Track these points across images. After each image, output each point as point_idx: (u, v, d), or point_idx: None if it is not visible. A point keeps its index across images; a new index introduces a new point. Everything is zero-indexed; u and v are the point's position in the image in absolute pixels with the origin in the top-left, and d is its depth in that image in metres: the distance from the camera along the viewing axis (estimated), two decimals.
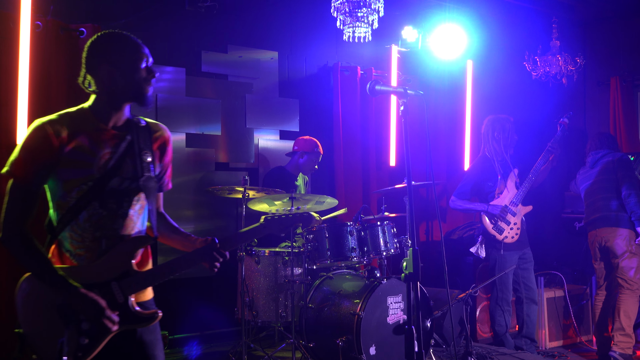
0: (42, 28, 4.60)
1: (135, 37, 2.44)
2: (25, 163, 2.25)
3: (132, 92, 2.38)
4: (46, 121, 2.29)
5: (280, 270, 4.77)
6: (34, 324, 2.26)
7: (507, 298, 5.29)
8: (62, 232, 2.31)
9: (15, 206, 2.26)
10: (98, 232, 2.32)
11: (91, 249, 2.32)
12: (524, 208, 5.28)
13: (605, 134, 5.60)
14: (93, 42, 2.43)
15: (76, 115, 2.37)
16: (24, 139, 2.29)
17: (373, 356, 4.18)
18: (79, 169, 2.29)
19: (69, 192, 2.29)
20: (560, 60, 6.43)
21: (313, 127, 6.21)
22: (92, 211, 2.31)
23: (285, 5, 6.13)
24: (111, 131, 2.39)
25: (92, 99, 2.41)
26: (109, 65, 2.36)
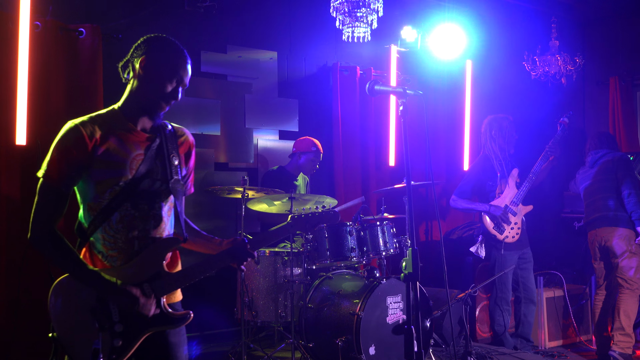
0: (41, 28, 4.59)
1: (186, 56, 2.46)
2: (58, 164, 2.26)
3: (150, 102, 2.43)
4: (79, 122, 2.32)
5: (280, 270, 4.77)
6: (68, 327, 2.27)
7: (507, 298, 5.30)
8: (93, 234, 2.32)
9: (46, 207, 2.27)
10: (131, 234, 2.33)
11: (124, 250, 2.33)
12: (525, 208, 5.29)
13: (605, 134, 5.60)
14: (146, 39, 2.45)
15: (108, 117, 2.41)
16: (57, 140, 2.31)
17: (372, 356, 4.18)
18: (112, 170, 2.30)
19: (102, 194, 2.30)
20: (560, 60, 6.43)
21: (312, 127, 6.20)
22: (125, 212, 2.32)
23: (284, 6, 6.13)
24: (141, 133, 2.42)
25: (123, 100, 2.46)
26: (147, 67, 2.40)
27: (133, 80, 2.44)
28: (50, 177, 2.26)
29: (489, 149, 5.38)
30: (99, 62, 4.88)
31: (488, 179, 5.32)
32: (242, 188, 4.71)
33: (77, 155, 2.27)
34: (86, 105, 4.83)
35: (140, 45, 2.44)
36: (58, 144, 2.30)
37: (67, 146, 2.28)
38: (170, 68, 2.41)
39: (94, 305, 2.26)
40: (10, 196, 4.52)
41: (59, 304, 2.28)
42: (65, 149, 2.28)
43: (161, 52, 2.41)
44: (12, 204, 4.53)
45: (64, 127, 2.34)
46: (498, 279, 5.22)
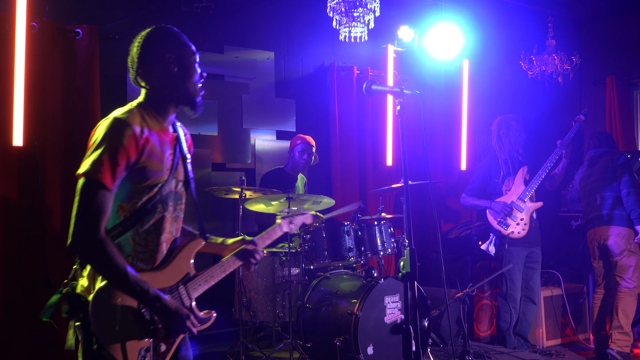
0: (37, 29, 4.59)
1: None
2: (111, 163, 2.10)
3: (186, 93, 2.34)
4: (125, 118, 2.17)
5: (278, 270, 4.77)
6: (115, 337, 2.12)
7: (514, 295, 5.32)
8: (121, 236, 2.20)
9: (95, 210, 2.09)
10: (162, 236, 2.29)
11: (154, 253, 2.28)
12: (533, 204, 5.32)
13: (603, 133, 5.62)
14: (154, 34, 2.32)
15: (144, 114, 2.26)
16: (104, 136, 2.13)
17: (371, 356, 4.18)
18: (154, 171, 2.21)
19: (139, 194, 2.20)
20: (556, 59, 6.44)
21: (309, 127, 6.20)
22: (158, 214, 2.26)
23: (281, 6, 6.13)
24: (169, 131, 2.34)
25: (148, 96, 2.31)
26: (172, 60, 2.29)
27: (161, 76, 2.29)
28: (99, 177, 2.08)
29: (497, 148, 5.49)
30: (96, 63, 4.87)
31: (494, 177, 5.44)
32: (240, 188, 4.70)
33: (129, 153, 2.13)
34: (83, 106, 4.84)
35: (163, 38, 2.32)
36: (108, 141, 2.11)
37: (120, 144, 2.11)
38: (196, 63, 2.37)
39: (139, 312, 2.18)
40: (7, 197, 4.51)
41: (104, 314, 2.11)
42: (118, 147, 2.11)
43: (190, 47, 2.36)
44: (8, 205, 4.52)
45: (109, 122, 2.15)
46: (507, 275, 5.24)
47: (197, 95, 2.38)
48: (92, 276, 2.17)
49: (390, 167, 6.59)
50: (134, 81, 2.33)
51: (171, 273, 2.30)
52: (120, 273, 2.10)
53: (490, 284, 5.66)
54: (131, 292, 2.14)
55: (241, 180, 4.76)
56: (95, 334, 2.09)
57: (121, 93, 5.25)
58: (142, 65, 2.30)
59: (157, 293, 2.17)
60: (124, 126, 2.14)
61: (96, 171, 2.09)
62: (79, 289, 2.18)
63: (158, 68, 2.29)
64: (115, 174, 2.11)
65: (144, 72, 2.30)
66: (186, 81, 2.33)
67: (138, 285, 2.13)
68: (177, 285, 2.30)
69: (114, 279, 2.12)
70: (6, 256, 4.51)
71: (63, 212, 4.76)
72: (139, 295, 2.15)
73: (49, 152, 4.68)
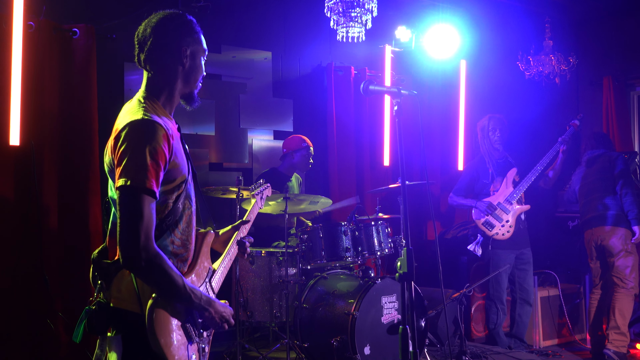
0: (34, 28, 4.58)
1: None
2: (153, 168, 1.98)
3: (190, 88, 2.28)
4: (151, 118, 2.05)
5: (275, 270, 4.77)
6: (171, 344, 2.06)
7: (500, 296, 5.32)
8: (159, 239, 2.11)
9: (147, 221, 1.97)
10: (192, 232, 2.27)
11: (189, 251, 2.24)
12: (521, 207, 5.32)
13: (601, 134, 5.63)
14: (176, 21, 2.21)
15: (156, 108, 2.17)
16: (141, 141, 1.99)
17: (367, 356, 4.18)
18: (179, 168, 2.14)
19: (169, 195, 2.13)
20: (553, 60, 6.44)
21: (307, 127, 6.20)
22: (187, 211, 2.22)
23: (278, 6, 6.13)
24: (175, 124, 2.25)
25: (152, 86, 2.21)
26: (187, 54, 2.21)
27: (172, 66, 2.20)
28: (148, 184, 1.95)
29: (481, 150, 5.56)
30: (93, 62, 4.87)
31: (481, 177, 5.47)
32: (237, 188, 4.70)
33: (165, 154, 2.02)
34: (80, 106, 4.83)
35: (182, 27, 2.21)
36: (145, 144, 1.98)
37: (158, 145, 2.00)
38: (204, 61, 2.31)
39: (187, 316, 2.16)
40: (3, 196, 4.50)
41: (161, 324, 2.04)
42: (157, 149, 1.99)
43: (203, 45, 2.29)
44: (5, 205, 4.51)
45: (137, 125, 2.02)
46: (493, 277, 5.24)
47: (196, 89, 2.33)
48: (130, 286, 2.07)
49: (388, 167, 6.59)
50: (138, 62, 2.22)
51: (200, 271, 2.30)
52: (179, 285, 2.05)
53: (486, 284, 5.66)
54: (188, 302, 2.11)
55: (238, 180, 4.75)
56: (154, 346, 2.01)
57: (118, 92, 5.25)
58: (154, 50, 2.18)
59: (208, 297, 2.18)
60: (154, 126, 2.03)
61: (144, 178, 1.95)
62: (115, 303, 2.08)
63: (172, 58, 2.20)
64: (159, 178, 2.01)
65: (154, 56, 2.18)
66: (193, 77, 2.27)
67: (193, 294, 2.11)
68: (205, 282, 2.31)
69: (173, 292, 2.05)
70: (3, 256, 4.50)
71: (60, 212, 4.75)
72: (194, 304, 2.12)
73: (46, 152, 4.67)
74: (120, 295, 2.08)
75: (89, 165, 4.82)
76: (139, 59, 2.22)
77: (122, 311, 2.07)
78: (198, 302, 2.12)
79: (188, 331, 2.15)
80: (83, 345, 4.74)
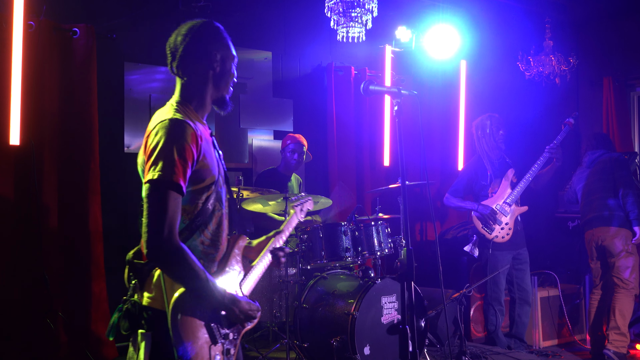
0: (34, 28, 4.58)
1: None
2: (181, 165, 2.05)
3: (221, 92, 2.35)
4: (182, 118, 2.13)
5: (275, 270, 4.77)
6: (195, 343, 2.10)
7: (499, 297, 5.31)
8: (189, 239, 2.17)
9: (171, 215, 2.03)
10: (223, 233, 2.31)
11: (219, 252, 2.29)
12: (519, 208, 5.30)
13: (601, 134, 5.62)
14: (206, 28, 2.31)
15: (188, 111, 2.23)
16: (170, 139, 2.07)
17: (367, 356, 4.18)
18: (208, 169, 2.19)
19: (199, 195, 2.18)
20: (554, 61, 6.45)
21: (307, 127, 6.20)
22: (217, 212, 2.26)
23: (279, 5, 6.12)
24: (208, 128, 2.32)
25: (186, 92, 2.28)
26: (217, 58, 2.30)
27: (203, 70, 2.28)
28: (175, 178, 2.03)
29: (479, 150, 5.48)
30: (93, 62, 4.87)
31: (480, 179, 5.38)
32: (237, 188, 4.70)
33: (194, 154, 2.09)
34: (80, 105, 4.83)
35: (212, 34, 2.31)
36: (174, 142, 2.06)
37: (186, 142, 2.07)
38: (234, 67, 2.39)
39: (212, 317, 2.17)
40: (3, 196, 4.50)
41: (185, 322, 2.08)
42: (185, 146, 2.06)
43: (232, 51, 2.38)
44: (5, 204, 4.51)
45: (168, 124, 2.10)
46: (491, 278, 5.24)
47: (228, 95, 2.40)
48: (159, 286, 2.13)
49: (388, 167, 6.60)
50: (171, 69, 2.30)
51: (230, 273, 2.33)
52: (202, 280, 2.09)
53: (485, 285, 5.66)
54: (211, 296, 2.13)
55: (238, 180, 4.75)
56: (177, 344, 2.05)
57: (118, 92, 5.25)
58: (186, 55, 2.25)
59: (232, 295, 2.20)
60: (184, 125, 2.10)
61: (171, 173, 2.03)
62: (146, 302, 2.14)
63: (203, 62, 2.27)
64: (186, 175, 2.07)
65: (186, 62, 2.26)
66: (223, 82, 2.34)
67: (216, 289, 2.14)
68: (234, 285, 2.34)
69: (196, 284, 2.08)
70: (2, 256, 4.50)
71: (60, 212, 4.75)
72: (218, 300, 2.15)
73: (46, 152, 4.68)
74: (152, 294, 2.13)
75: (89, 165, 4.82)
76: (171, 67, 2.29)
77: (152, 310, 2.12)
78: (221, 298, 2.15)
79: (212, 331, 2.17)
80: (83, 345, 4.75)
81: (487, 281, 5.26)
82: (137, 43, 5.34)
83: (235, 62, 2.39)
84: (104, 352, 4.82)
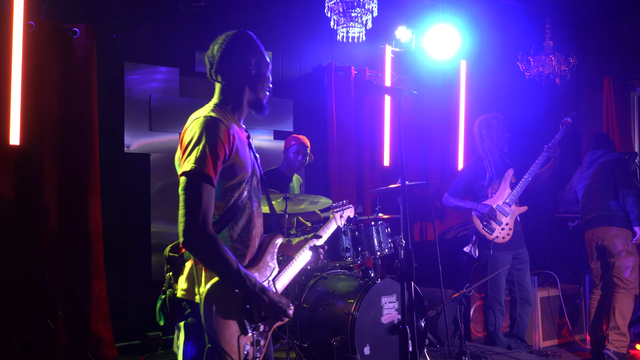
0: (34, 28, 4.58)
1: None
2: (212, 158, 2.17)
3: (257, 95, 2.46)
4: (217, 116, 2.26)
5: None
6: (225, 332, 2.20)
7: (499, 298, 5.31)
8: (219, 233, 2.26)
9: (203, 205, 2.14)
10: (254, 231, 2.38)
11: (248, 248, 2.36)
12: (518, 209, 5.30)
13: (602, 134, 5.62)
14: (241, 36, 2.45)
15: (224, 112, 2.37)
16: (203, 134, 2.19)
17: (367, 356, 4.18)
18: (240, 167, 2.29)
19: (230, 192, 2.28)
20: (554, 61, 6.45)
21: (307, 127, 6.20)
22: (247, 210, 2.34)
23: (279, 5, 6.12)
24: (244, 130, 2.44)
25: (224, 95, 2.42)
26: (252, 63, 2.42)
27: (239, 74, 2.41)
28: (206, 171, 2.15)
29: (481, 150, 5.43)
30: (93, 62, 4.87)
31: (479, 179, 5.36)
32: None
33: (225, 148, 2.21)
34: (80, 105, 4.83)
35: (247, 42, 2.45)
36: (207, 137, 2.18)
37: (218, 138, 2.19)
38: (269, 73, 2.51)
39: (244, 308, 2.26)
40: (3, 196, 4.51)
41: (216, 312, 2.19)
42: (217, 141, 2.19)
43: (267, 58, 2.49)
44: (5, 204, 4.52)
45: (202, 120, 2.24)
46: (491, 278, 5.23)
47: (265, 99, 2.50)
48: (192, 278, 2.24)
49: (388, 167, 6.59)
50: (210, 76, 2.44)
51: (263, 269, 2.40)
52: (233, 267, 2.18)
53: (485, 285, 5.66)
54: (242, 286, 2.21)
55: None
56: (208, 332, 2.15)
57: (118, 92, 5.25)
58: (223, 61, 2.40)
59: (263, 286, 2.28)
60: (217, 122, 2.23)
61: (203, 166, 2.15)
62: (180, 294, 2.26)
63: (239, 66, 2.40)
64: (217, 168, 2.18)
65: (223, 67, 2.40)
66: (259, 85, 2.46)
67: (248, 279, 2.22)
68: (267, 280, 2.40)
69: (228, 273, 2.18)
70: (2, 256, 4.50)
71: (60, 212, 4.75)
72: (248, 289, 2.23)
73: (45, 151, 4.68)
74: (184, 286, 2.25)
75: (89, 165, 4.83)
76: (210, 74, 2.45)
77: (186, 301, 2.24)
78: (252, 288, 2.23)
79: (242, 321, 2.25)
80: (83, 345, 4.75)
81: (487, 281, 5.26)
82: (137, 43, 5.34)
83: (269, 68, 2.50)
84: (104, 352, 4.82)
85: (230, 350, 2.18)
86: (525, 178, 5.25)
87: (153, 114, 5.39)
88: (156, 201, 5.39)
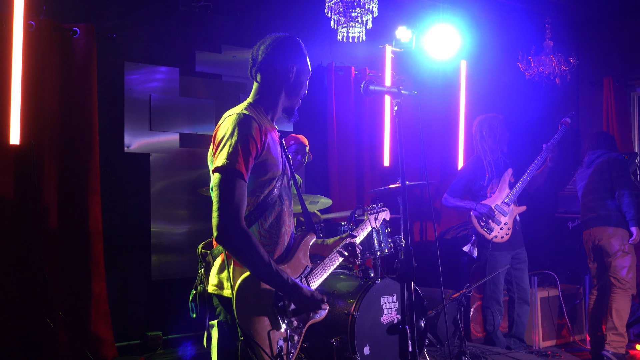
0: (35, 28, 4.58)
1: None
2: (243, 154, 2.20)
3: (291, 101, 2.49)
4: (249, 114, 2.30)
5: None
6: (258, 327, 2.22)
7: (497, 298, 5.31)
8: (249, 228, 2.27)
9: (236, 200, 2.17)
10: (283, 228, 2.40)
11: (277, 245, 2.38)
12: (517, 208, 5.30)
13: (603, 134, 5.61)
14: (288, 40, 2.47)
15: (257, 112, 2.40)
16: (235, 130, 2.24)
17: (367, 356, 4.18)
18: (271, 164, 2.33)
19: (260, 188, 2.32)
20: (554, 61, 6.44)
21: (307, 127, 6.19)
22: (277, 207, 2.37)
23: (279, 5, 6.12)
24: (276, 130, 2.48)
25: (259, 94, 2.46)
26: (292, 70, 2.44)
27: (278, 77, 2.44)
28: (238, 166, 2.18)
29: (480, 149, 5.42)
30: (93, 62, 4.87)
31: (479, 179, 5.36)
32: None
33: (257, 144, 2.25)
34: (80, 105, 4.83)
35: (292, 47, 2.47)
36: (239, 133, 2.23)
37: (250, 134, 2.23)
38: (307, 81, 2.54)
39: (277, 303, 2.28)
40: (3, 196, 4.50)
41: (248, 307, 2.21)
42: (248, 138, 2.23)
43: (308, 67, 2.52)
44: (5, 204, 4.52)
45: (234, 117, 2.29)
46: (490, 279, 5.23)
47: (297, 105, 2.55)
48: (223, 273, 2.27)
49: (388, 167, 6.59)
50: (250, 74, 2.49)
51: (295, 266, 2.42)
52: (266, 262, 2.20)
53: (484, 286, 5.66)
54: (274, 280, 2.23)
55: None
56: (241, 326, 2.17)
57: (118, 92, 5.25)
58: (265, 63, 2.43)
59: (295, 281, 2.29)
60: (249, 119, 2.27)
61: (234, 162, 2.18)
62: (211, 289, 2.29)
63: (279, 71, 2.43)
64: (248, 164, 2.21)
65: (263, 68, 2.43)
66: (295, 92, 2.49)
67: (280, 274, 2.23)
68: (300, 277, 2.42)
69: (260, 268, 2.20)
70: (2, 256, 4.50)
71: (60, 211, 4.75)
72: (281, 284, 2.24)
73: (45, 151, 4.68)
74: (215, 281, 2.28)
75: (89, 165, 4.83)
76: (250, 71, 2.50)
77: (217, 297, 2.28)
78: (284, 283, 2.25)
79: (275, 316, 2.26)
80: (83, 345, 4.75)
81: (485, 281, 5.26)
82: (137, 43, 5.34)
83: (309, 76, 2.52)
84: (104, 352, 4.82)
85: (263, 344, 2.20)
86: (524, 178, 5.24)
87: (153, 114, 5.39)
88: (156, 201, 5.39)
